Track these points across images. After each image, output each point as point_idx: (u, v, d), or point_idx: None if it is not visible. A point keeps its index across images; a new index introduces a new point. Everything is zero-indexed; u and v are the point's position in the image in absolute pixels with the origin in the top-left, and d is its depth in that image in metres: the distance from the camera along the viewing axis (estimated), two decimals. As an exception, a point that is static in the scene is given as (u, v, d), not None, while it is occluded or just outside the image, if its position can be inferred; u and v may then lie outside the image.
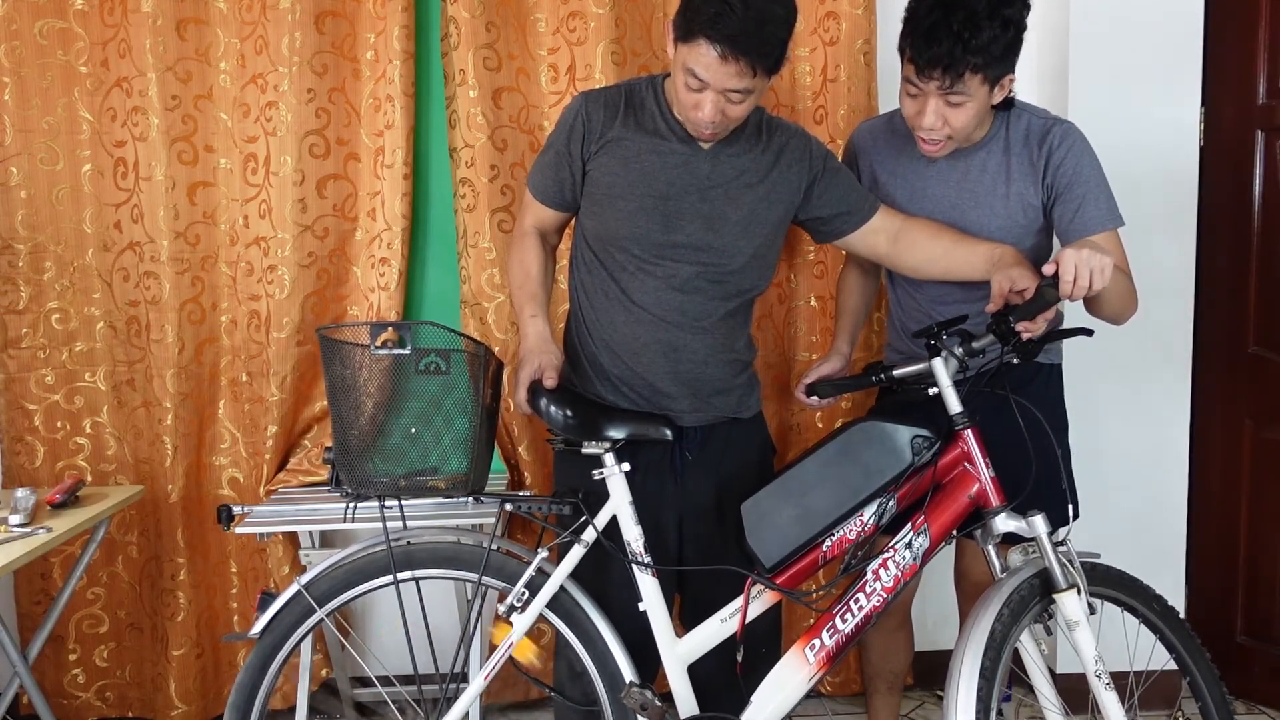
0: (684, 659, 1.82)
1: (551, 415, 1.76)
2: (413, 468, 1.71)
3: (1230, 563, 2.79)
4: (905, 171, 2.03)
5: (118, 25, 2.44)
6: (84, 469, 2.55)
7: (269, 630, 1.78)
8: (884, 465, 1.78)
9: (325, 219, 2.50)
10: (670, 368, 1.86)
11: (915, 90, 1.84)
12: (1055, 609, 1.74)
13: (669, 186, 1.83)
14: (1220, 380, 2.76)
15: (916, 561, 1.78)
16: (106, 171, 2.48)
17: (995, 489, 1.78)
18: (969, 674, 1.65)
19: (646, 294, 1.85)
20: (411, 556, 1.81)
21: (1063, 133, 1.92)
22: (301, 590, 1.78)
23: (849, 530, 1.79)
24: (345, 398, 1.70)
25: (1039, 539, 1.73)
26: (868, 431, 1.80)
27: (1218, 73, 2.68)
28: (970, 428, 1.78)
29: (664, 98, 1.87)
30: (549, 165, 1.92)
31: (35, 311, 2.50)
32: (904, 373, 1.87)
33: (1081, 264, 1.63)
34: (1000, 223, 1.95)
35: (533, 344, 1.83)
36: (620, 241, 1.85)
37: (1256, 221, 2.69)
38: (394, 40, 2.41)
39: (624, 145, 1.84)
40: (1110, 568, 1.83)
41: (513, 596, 1.78)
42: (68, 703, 2.60)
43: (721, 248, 1.85)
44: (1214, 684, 1.87)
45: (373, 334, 1.69)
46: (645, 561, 1.79)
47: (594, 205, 1.88)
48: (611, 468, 1.79)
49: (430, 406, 1.70)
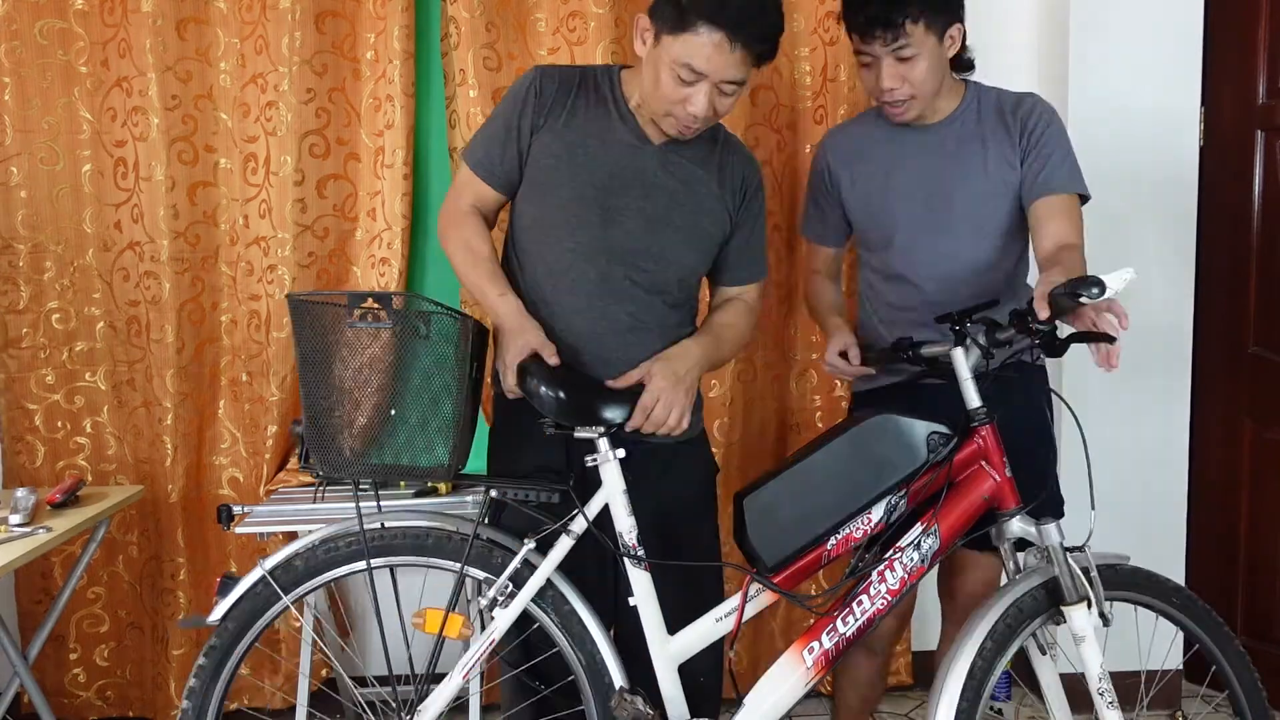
0: (675, 658, 1.72)
1: (544, 397, 1.64)
2: (394, 461, 1.61)
3: (1230, 562, 2.79)
4: (878, 155, 2.02)
5: (118, 25, 2.44)
6: (84, 469, 2.55)
7: (230, 617, 1.64)
8: (898, 462, 1.70)
9: (325, 219, 2.50)
10: (619, 370, 1.75)
11: (867, 58, 1.90)
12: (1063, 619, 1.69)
13: (610, 179, 1.73)
14: (1220, 380, 2.76)
15: (925, 564, 1.71)
16: (106, 171, 2.48)
17: (1011, 490, 1.72)
18: (953, 688, 1.62)
19: (578, 296, 1.74)
20: (388, 543, 1.67)
21: (1034, 101, 1.96)
22: (266, 575, 1.64)
23: (856, 529, 1.71)
24: (316, 369, 1.57)
25: (1051, 549, 1.68)
26: (883, 426, 1.72)
27: (1218, 72, 2.68)
28: (989, 424, 1.72)
29: (619, 89, 1.78)
30: (495, 139, 1.77)
31: (35, 311, 2.50)
32: (932, 351, 1.79)
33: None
34: (983, 188, 1.94)
35: (511, 323, 1.71)
36: (555, 233, 1.74)
37: (1256, 221, 2.69)
38: (394, 40, 2.41)
39: (572, 130, 1.74)
40: (1126, 566, 1.79)
41: (495, 590, 1.66)
42: (68, 702, 2.60)
43: (659, 253, 1.76)
44: (1246, 672, 1.79)
45: (350, 304, 1.58)
46: (639, 555, 1.69)
47: (531, 190, 1.77)
48: (605, 453, 1.67)
49: (413, 387, 1.60)
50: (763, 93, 2.55)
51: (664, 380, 1.70)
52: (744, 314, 1.91)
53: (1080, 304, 1.55)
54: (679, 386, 1.71)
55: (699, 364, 1.77)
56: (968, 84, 2.01)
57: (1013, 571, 1.75)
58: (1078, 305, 1.55)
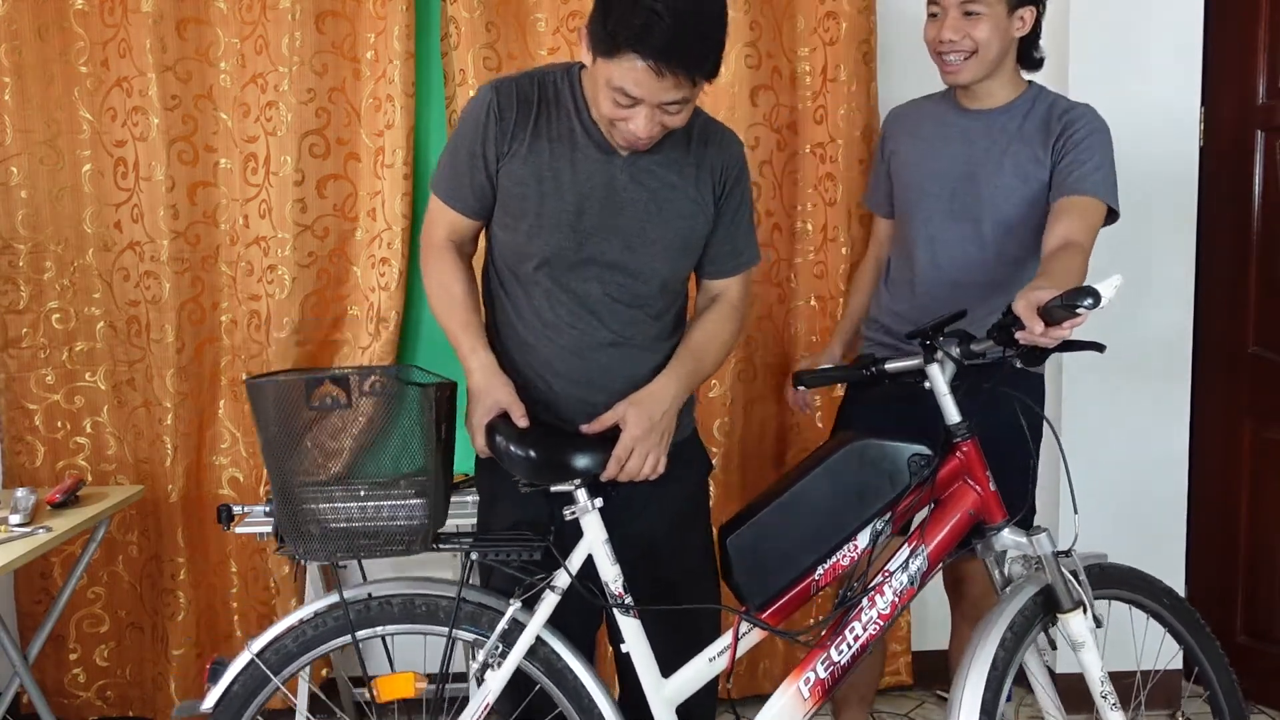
0: (671, 701, 1.68)
1: (513, 457, 1.58)
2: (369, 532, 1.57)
3: (1230, 563, 2.79)
4: (927, 133, 2.08)
5: (118, 25, 2.44)
6: (84, 469, 2.55)
7: (223, 702, 1.61)
8: (880, 489, 1.66)
9: (325, 219, 2.50)
10: (583, 397, 1.71)
11: (936, 8, 1.96)
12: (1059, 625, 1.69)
13: (581, 200, 1.65)
14: (1220, 380, 2.76)
15: (914, 585, 1.68)
16: (106, 171, 2.48)
17: (996, 503, 1.70)
18: (971, 706, 1.61)
19: (559, 315, 1.69)
20: (374, 613, 1.64)
21: (1085, 110, 1.97)
22: (255, 660, 1.61)
23: (843, 557, 1.68)
24: (280, 451, 1.54)
25: (1044, 558, 1.67)
26: (861, 452, 1.67)
27: (1218, 72, 2.68)
28: (970, 439, 1.69)
29: (580, 93, 1.67)
30: (461, 167, 1.69)
31: (35, 311, 2.50)
32: (897, 367, 1.75)
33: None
34: (1006, 181, 1.97)
35: (479, 381, 1.65)
36: (532, 258, 1.67)
37: (1256, 221, 2.69)
38: (394, 40, 2.41)
39: (536, 153, 1.65)
40: (1116, 566, 1.80)
41: (485, 652, 1.61)
42: (68, 702, 2.60)
43: (637, 269, 1.69)
44: (1224, 674, 1.83)
45: (308, 389, 1.52)
46: (626, 604, 1.64)
47: (505, 215, 1.70)
48: (584, 504, 1.61)
49: (384, 458, 1.55)
50: (763, 93, 2.55)
51: (638, 429, 1.62)
52: (727, 319, 1.80)
53: (1076, 316, 1.48)
54: (653, 434, 1.64)
55: (676, 400, 1.70)
56: (1030, 84, 2.04)
57: (1000, 585, 1.74)
58: (1073, 317, 1.48)
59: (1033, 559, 1.70)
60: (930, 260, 2.04)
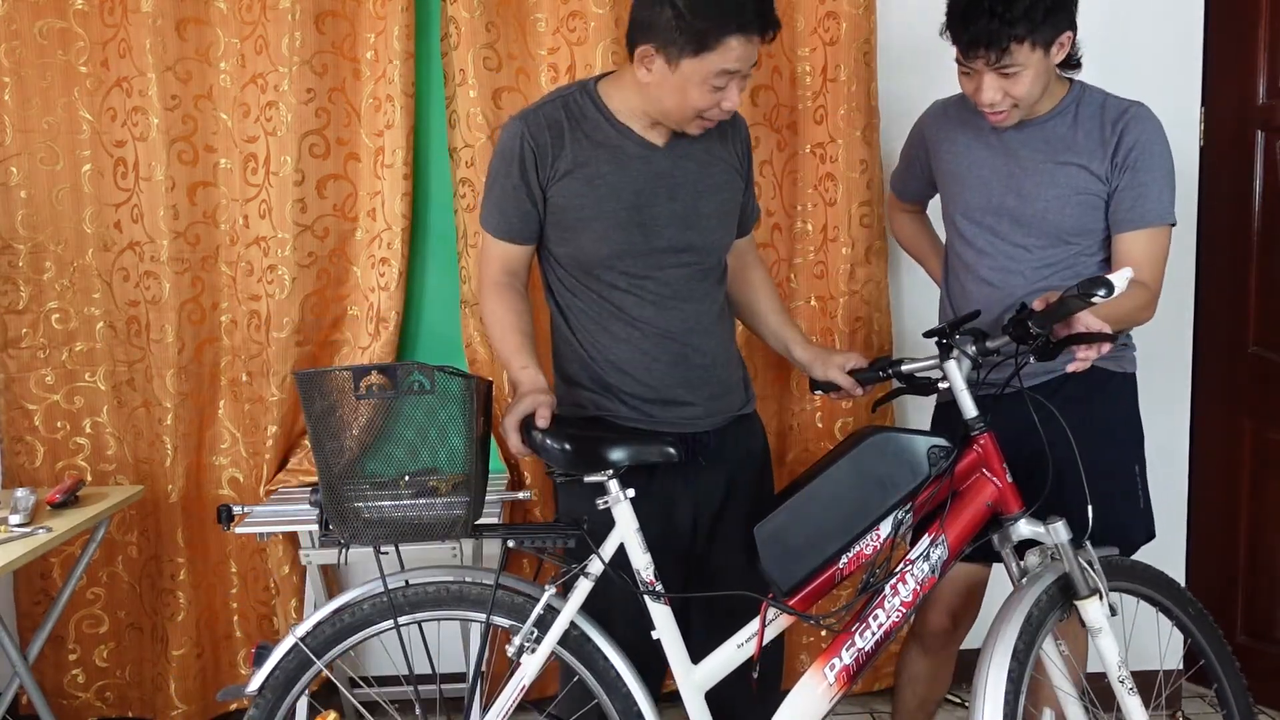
0: (700, 686, 1.75)
1: (549, 450, 1.67)
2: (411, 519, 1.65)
3: (1230, 562, 2.79)
4: (968, 140, 2.00)
5: (118, 25, 2.44)
6: (84, 469, 2.55)
7: (268, 685, 1.67)
8: (901, 479, 1.74)
9: (325, 219, 2.50)
10: (684, 376, 1.83)
11: (967, 69, 1.85)
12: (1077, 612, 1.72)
13: (637, 195, 1.78)
14: (1220, 380, 2.76)
15: (935, 574, 1.75)
16: (106, 171, 2.48)
17: (1013, 495, 1.76)
18: (995, 692, 1.62)
19: (645, 308, 1.81)
20: (412, 599, 1.72)
21: (1139, 113, 1.90)
22: (299, 643, 1.68)
23: (866, 546, 1.75)
24: (327, 439, 1.61)
25: (1060, 546, 1.72)
26: (882, 445, 1.76)
27: (1218, 72, 2.68)
28: (986, 433, 1.76)
29: (602, 103, 1.80)
30: (507, 199, 1.81)
31: (35, 311, 2.50)
32: (912, 368, 1.84)
33: None
34: (1055, 193, 1.90)
35: (527, 388, 1.74)
36: (605, 262, 1.79)
37: (1256, 221, 2.69)
38: (394, 40, 2.41)
39: (582, 166, 1.77)
40: (1148, 566, 1.84)
41: (521, 636, 1.68)
42: (68, 703, 2.60)
43: (703, 245, 1.83)
44: (1241, 695, 1.86)
45: (355, 378, 1.60)
46: (657, 590, 1.71)
47: (564, 232, 1.80)
48: (616, 494, 1.69)
49: (425, 446, 1.63)
50: (763, 93, 2.55)
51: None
52: (761, 265, 2.10)
53: (1091, 304, 1.59)
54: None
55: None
56: (1072, 83, 1.95)
57: (1017, 576, 1.77)
58: (1088, 305, 1.60)
59: (1049, 549, 1.75)
60: (973, 272, 2.00)
